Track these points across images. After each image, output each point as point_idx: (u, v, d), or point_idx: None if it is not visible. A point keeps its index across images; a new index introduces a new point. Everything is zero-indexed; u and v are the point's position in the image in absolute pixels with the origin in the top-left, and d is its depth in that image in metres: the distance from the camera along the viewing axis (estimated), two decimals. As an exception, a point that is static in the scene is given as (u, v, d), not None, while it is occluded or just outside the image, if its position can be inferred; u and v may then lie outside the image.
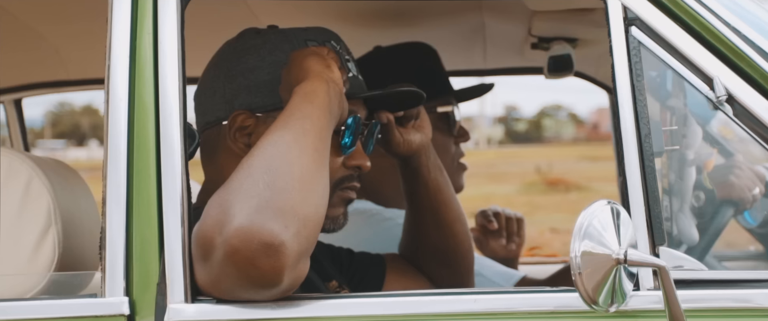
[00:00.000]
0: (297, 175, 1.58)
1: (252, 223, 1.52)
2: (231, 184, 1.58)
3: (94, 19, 2.35)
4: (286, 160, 1.60)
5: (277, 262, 1.52)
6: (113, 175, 1.63)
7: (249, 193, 1.55)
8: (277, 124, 1.67)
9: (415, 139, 2.02)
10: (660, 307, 1.52)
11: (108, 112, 1.66)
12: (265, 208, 1.53)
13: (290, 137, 1.63)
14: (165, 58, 1.67)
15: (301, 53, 1.82)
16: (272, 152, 1.61)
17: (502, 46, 2.86)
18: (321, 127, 1.68)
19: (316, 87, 1.73)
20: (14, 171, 1.82)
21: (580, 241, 1.45)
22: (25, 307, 1.64)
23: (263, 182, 1.56)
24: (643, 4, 1.65)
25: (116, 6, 1.69)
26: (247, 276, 1.53)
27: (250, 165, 1.60)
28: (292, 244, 1.53)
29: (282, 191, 1.56)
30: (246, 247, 1.51)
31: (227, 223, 1.53)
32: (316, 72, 1.76)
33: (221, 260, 1.54)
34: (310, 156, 1.63)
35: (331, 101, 1.73)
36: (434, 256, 2.10)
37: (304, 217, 1.56)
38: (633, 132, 1.61)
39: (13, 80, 2.99)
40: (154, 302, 1.60)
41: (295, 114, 1.68)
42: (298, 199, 1.56)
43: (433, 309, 1.59)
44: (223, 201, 1.56)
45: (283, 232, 1.52)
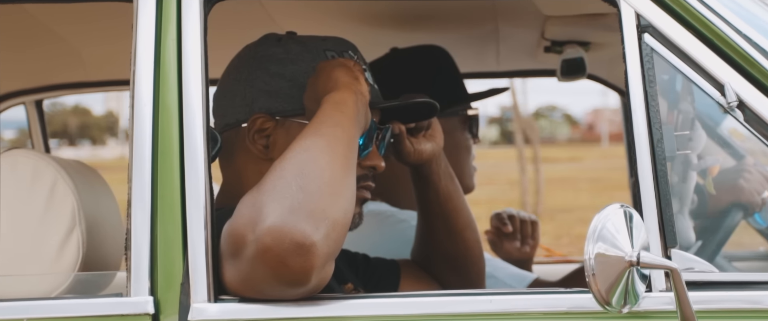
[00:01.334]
0: (327, 180, 1.63)
1: (285, 223, 1.56)
2: (264, 185, 1.63)
3: (113, 21, 2.40)
4: (319, 165, 1.64)
5: (307, 262, 1.56)
6: (138, 178, 1.67)
7: (282, 194, 1.59)
8: (309, 130, 1.71)
9: (426, 149, 2.05)
10: (672, 308, 1.56)
11: (133, 115, 1.70)
12: (298, 209, 1.58)
13: (323, 143, 1.68)
14: (188, 63, 1.71)
15: (330, 64, 1.87)
16: (305, 157, 1.65)
17: (515, 49, 2.89)
18: (350, 136, 1.73)
19: (346, 97, 1.78)
20: (40, 173, 1.85)
21: (594, 244, 1.48)
22: (52, 306, 1.68)
23: (296, 185, 1.61)
24: (655, 11, 1.68)
25: (141, 12, 1.72)
26: (277, 274, 1.58)
27: (282, 168, 1.64)
28: (322, 245, 1.57)
29: (314, 194, 1.60)
30: (278, 246, 1.56)
31: (260, 222, 1.57)
32: (345, 83, 1.81)
33: (252, 258, 1.58)
34: (340, 163, 1.67)
35: (358, 111, 1.78)
36: (445, 262, 2.14)
37: (333, 220, 1.60)
38: (646, 136, 1.64)
39: (34, 81, 3.02)
40: (178, 301, 1.64)
41: (327, 122, 1.72)
42: (329, 203, 1.61)
43: (449, 309, 1.62)
44: (256, 201, 1.60)
45: (314, 233, 1.57)
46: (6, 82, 3.00)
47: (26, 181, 1.85)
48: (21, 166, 1.87)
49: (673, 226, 1.61)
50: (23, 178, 1.86)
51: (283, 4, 2.45)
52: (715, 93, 1.66)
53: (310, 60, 1.92)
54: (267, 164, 1.90)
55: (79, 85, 3.08)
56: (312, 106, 1.86)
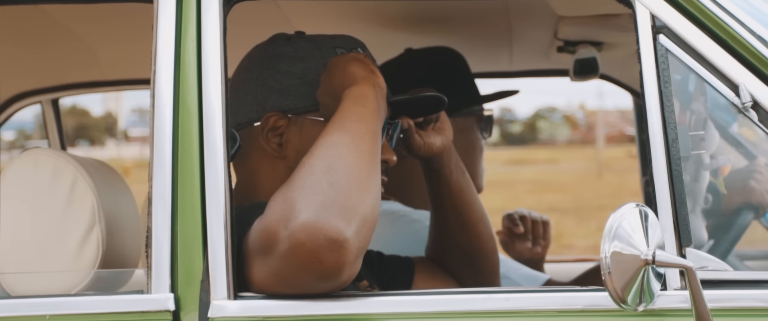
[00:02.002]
0: (356, 176, 1.65)
1: (318, 219, 1.59)
2: (294, 181, 1.65)
3: (129, 21, 2.42)
4: (346, 161, 1.67)
5: (340, 258, 1.59)
6: (159, 177, 1.69)
7: (313, 191, 1.62)
8: (333, 126, 1.73)
9: (436, 142, 2.07)
10: (686, 307, 1.57)
11: (153, 115, 1.72)
12: (330, 206, 1.60)
13: (348, 139, 1.70)
14: (208, 63, 1.73)
15: (342, 59, 1.89)
16: (332, 153, 1.67)
17: (528, 49, 2.91)
18: (374, 130, 1.76)
19: (366, 91, 1.80)
20: (60, 171, 1.88)
21: (610, 242, 1.50)
22: (74, 303, 1.70)
23: (326, 181, 1.63)
24: (670, 12, 1.69)
25: (161, 13, 1.75)
26: (311, 269, 1.60)
27: (311, 164, 1.66)
28: (354, 240, 1.60)
29: (344, 190, 1.62)
30: (312, 242, 1.58)
31: (293, 218, 1.60)
32: (362, 77, 1.83)
33: (284, 253, 1.60)
34: (366, 158, 1.70)
35: (379, 104, 1.80)
36: (459, 256, 2.15)
37: (363, 215, 1.63)
38: (661, 137, 1.65)
39: (51, 80, 3.05)
40: (198, 298, 1.66)
41: (350, 117, 1.75)
42: (358, 199, 1.63)
43: (466, 307, 1.64)
44: (288, 197, 1.62)
45: (346, 229, 1.59)
46: (23, 80, 3.02)
47: (47, 179, 1.88)
48: (42, 165, 1.89)
49: (687, 225, 1.63)
50: (44, 176, 1.88)
51: (298, 5, 2.47)
52: (729, 93, 1.67)
53: (319, 57, 1.94)
54: (281, 162, 1.93)
55: (95, 84, 3.10)
56: (327, 101, 1.89)
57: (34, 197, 1.87)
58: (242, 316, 1.65)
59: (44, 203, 1.87)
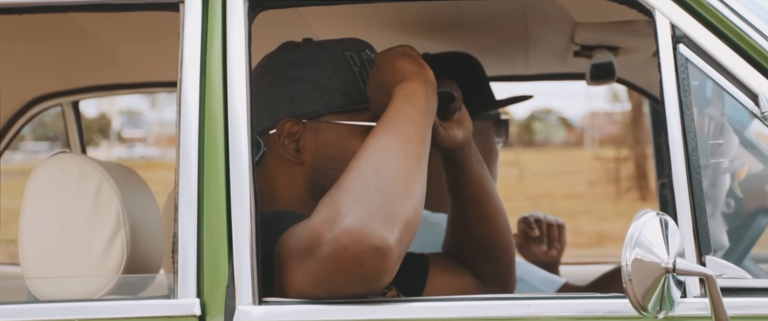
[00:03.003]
0: (403, 181, 1.67)
1: (364, 226, 1.61)
2: (341, 184, 1.67)
3: (149, 25, 2.45)
4: (394, 165, 1.68)
5: (382, 265, 1.61)
6: (185, 183, 1.72)
7: (360, 195, 1.63)
8: (382, 127, 1.75)
9: (459, 134, 2.09)
10: (706, 314, 1.60)
11: (180, 122, 1.74)
12: (376, 212, 1.62)
13: (396, 142, 1.72)
14: (233, 70, 1.75)
15: (391, 54, 1.89)
16: (381, 157, 1.69)
17: (544, 53, 2.92)
18: (423, 131, 1.77)
19: (417, 88, 1.81)
20: (85, 176, 1.90)
21: (631, 250, 1.52)
22: (102, 308, 1.73)
23: (373, 186, 1.65)
24: (690, 22, 1.71)
25: (188, 20, 1.77)
26: (352, 273, 1.62)
27: (359, 167, 1.68)
28: (396, 248, 1.62)
29: (390, 196, 1.64)
30: (356, 247, 1.60)
31: (338, 222, 1.61)
32: (412, 72, 1.83)
33: (327, 256, 1.62)
34: (413, 162, 1.72)
35: (429, 101, 1.81)
36: (477, 248, 2.17)
37: (407, 222, 1.65)
38: (681, 145, 1.67)
39: (72, 83, 3.08)
40: (224, 303, 1.68)
41: (399, 117, 1.76)
42: (404, 206, 1.65)
43: (488, 313, 1.66)
44: (335, 201, 1.64)
45: (390, 236, 1.61)
46: (43, 83, 3.05)
47: (73, 184, 1.90)
48: (68, 170, 1.91)
49: (707, 233, 1.65)
50: (70, 181, 1.90)
51: (318, 11, 2.49)
52: (749, 103, 1.69)
53: (328, 61, 1.96)
54: (299, 168, 1.95)
55: (115, 86, 3.13)
56: (377, 95, 1.89)
57: (59, 202, 1.90)
58: (267, 321, 1.67)
59: (70, 208, 1.89)
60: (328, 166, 1.94)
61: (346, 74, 1.95)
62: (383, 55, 1.92)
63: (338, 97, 1.94)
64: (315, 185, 1.95)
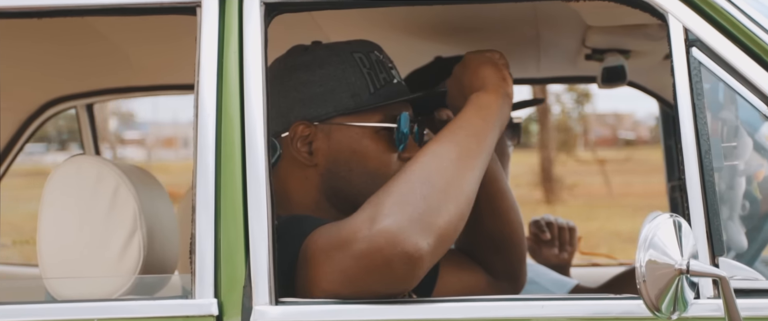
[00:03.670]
0: (451, 196, 1.68)
1: (401, 230, 1.62)
2: (390, 185, 1.68)
3: (163, 28, 2.47)
4: (445, 176, 1.69)
5: (411, 272, 1.63)
6: (202, 184, 1.74)
7: (404, 200, 1.65)
8: (445, 135, 1.75)
9: None
10: (719, 315, 1.61)
11: (197, 125, 1.76)
12: (417, 220, 1.63)
13: (455, 154, 1.72)
14: (249, 73, 1.77)
15: (478, 58, 1.90)
16: (435, 166, 1.70)
17: (556, 56, 2.93)
18: (485, 147, 1.77)
19: (491, 101, 1.82)
20: (103, 178, 1.92)
21: (645, 252, 1.54)
22: (120, 307, 1.75)
23: (420, 193, 1.66)
24: (703, 26, 1.72)
25: (204, 24, 1.79)
26: (380, 274, 1.64)
27: (411, 171, 1.69)
28: (428, 259, 1.63)
29: (434, 208, 1.65)
30: (389, 249, 1.62)
31: (377, 222, 1.63)
32: (493, 84, 1.84)
33: (359, 253, 1.64)
34: (466, 176, 1.72)
35: (501, 117, 1.81)
36: (489, 244, 2.18)
37: (445, 235, 1.66)
38: (694, 148, 1.69)
39: (86, 86, 3.10)
40: (241, 304, 1.70)
41: (465, 128, 1.76)
42: (445, 219, 1.66)
43: (502, 314, 1.68)
44: (379, 201, 1.66)
45: (425, 247, 1.62)
46: (58, 86, 3.08)
47: (90, 185, 1.92)
48: (85, 172, 1.93)
49: (720, 234, 1.66)
50: (87, 183, 1.92)
51: (331, 14, 2.51)
52: (762, 106, 1.70)
53: (338, 62, 1.97)
54: (312, 170, 1.97)
55: (129, 89, 3.15)
56: (453, 93, 1.90)
57: (77, 203, 1.92)
58: (283, 321, 1.69)
59: (87, 209, 1.91)
60: (341, 168, 1.96)
61: (356, 76, 1.96)
62: (472, 55, 1.92)
63: (348, 99, 1.95)
64: (328, 187, 1.97)
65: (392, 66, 2.02)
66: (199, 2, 1.79)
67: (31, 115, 3.08)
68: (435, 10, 2.40)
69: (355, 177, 1.95)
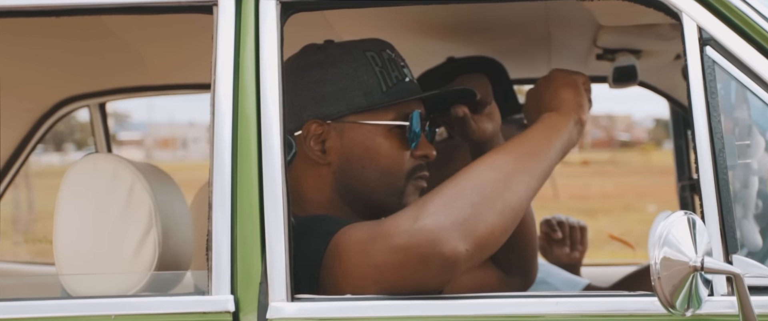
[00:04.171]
0: (499, 208, 1.69)
1: (442, 231, 1.64)
2: (441, 188, 1.70)
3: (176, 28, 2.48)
4: (498, 190, 1.70)
5: (444, 274, 1.65)
6: (218, 182, 1.75)
7: (452, 203, 1.66)
8: (508, 147, 1.76)
9: (489, 127, 2.13)
10: (733, 312, 1.62)
11: (213, 123, 1.77)
12: (461, 226, 1.65)
13: (511, 168, 1.73)
14: (266, 72, 1.78)
15: (562, 78, 1.89)
16: (489, 177, 1.71)
17: (567, 56, 2.94)
18: (545, 169, 1.77)
19: (562, 125, 1.82)
20: (119, 176, 1.93)
21: (660, 249, 1.55)
22: (138, 304, 1.76)
23: (469, 199, 1.67)
24: (717, 25, 1.73)
25: (221, 24, 1.80)
26: (413, 271, 1.65)
27: (465, 177, 1.71)
28: (464, 264, 1.65)
29: (480, 217, 1.67)
30: (426, 247, 1.63)
31: (421, 219, 1.65)
32: (568, 107, 1.85)
33: (397, 246, 1.65)
34: (518, 195, 1.73)
35: (568, 142, 1.81)
36: None
37: (484, 246, 1.67)
38: (708, 146, 1.69)
39: (99, 85, 3.11)
40: (257, 300, 1.71)
41: (528, 145, 1.77)
42: (488, 230, 1.67)
43: (517, 311, 1.68)
44: (426, 201, 1.68)
45: (463, 253, 1.64)
46: (71, 85, 3.09)
47: (106, 183, 1.93)
48: (101, 169, 1.94)
49: (734, 232, 1.67)
50: (103, 180, 1.93)
51: (343, 13, 2.52)
52: (776, 105, 1.71)
53: (350, 61, 1.98)
54: (326, 168, 1.98)
55: (141, 88, 3.17)
56: (531, 102, 1.91)
57: (93, 200, 1.93)
58: (299, 317, 1.70)
59: (103, 206, 1.92)
60: (354, 166, 1.97)
61: (368, 74, 1.97)
62: (558, 73, 1.92)
63: (360, 98, 1.96)
64: (342, 185, 1.98)
65: (404, 64, 2.03)
66: (215, 1, 1.80)
67: (44, 114, 3.09)
68: (447, 10, 2.41)
69: (367, 175, 1.96)
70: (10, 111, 3.01)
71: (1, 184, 3.11)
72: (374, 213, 2.00)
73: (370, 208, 1.98)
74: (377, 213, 2.00)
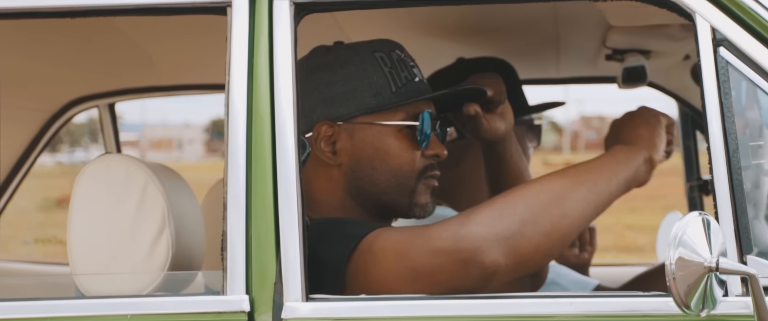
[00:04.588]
0: (546, 231, 1.71)
1: (486, 240, 1.67)
2: (494, 200, 1.73)
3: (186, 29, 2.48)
4: (549, 211, 1.72)
5: (479, 282, 1.68)
6: (233, 182, 1.75)
7: (501, 216, 1.69)
8: (571, 173, 1.77)
9: (501, 127, 2.13)
10: (747, 313, 1.62)
11: (228, 124, 1.78)
12: (505, 238, 1.67)
13: (567, 194, 1.74)
14: (279, 73, 1.78)
15: (647, 115, 1.88)
16: (544, 199, 1.73)
17: (576, 56, 2.95)
18: (601, 202, 1.77)
19: (631, 160, 1.82)
20: (132, 176, 1.93)
21: (675, 249, 1.55)
22: (153, 304, 1.76)
23: (519, 216, 1.69)
24: (731, 25, 1.73)
25: (235, 25, 1.80)
26: (451, 274, 1.68)
27: (519, 193, 1.73)
28: (501, 277, 1.68)
29: (526, 235, 1.69)
30: (468, 254, 1.66)
31: (467, 226, 1.68)
32: (642, 144, 1.84)
33: (440, 249, 1.68)
34: (569, 222, 1.74)
35: (633, 179, 1.81)
36: None
37: (524, 264, 1.69)
38: (721, 147, 1.69)
39: (108, 85, 3.12)
40: (272, 300, 1.72)
41: (592, 174, 1.78)
42: (531, 250, 1.69)
43: (531, 311, 1.69)
44: (477, 210, 1.70)
45: (502, 266, 1.67)
46: (80, 86, 3.10)
47: (119, 183, 1.93)
48: (114, 170, 1.95)
49: (748, 233, 1.67)
50: (117, 180, 1.94)
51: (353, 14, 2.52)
52: (789, 105, 1.72)
53: (359, 62, 1.98)
54: (337, 170, 1.98)
55: (151, 89, 3.17)
56: (612, 132, 1.92)
57: (107, 201, 1.93)
58: (314, 317, 1.70)
59: (117, 207, 1.92)
60: (365, 167, 1.97)
61: (378, 75, 1.97)
62: (645, 110, 1.92)
63: (370, 98, 1.97)
64: (353, 186, 1.98)
65: (414, 64, 2.03)
66: (229, 2, 1.80)
67: (54, 115, 3.10)
68: (456, 10, 2.42)
69: (378, 175, 1.97)
70: (21, 111, 3.01)
71: (11, 184, 3.12)
72: (385, 213, 2.00)
73: (382, 208, 1.98)
74: (388, 213, 2.01)
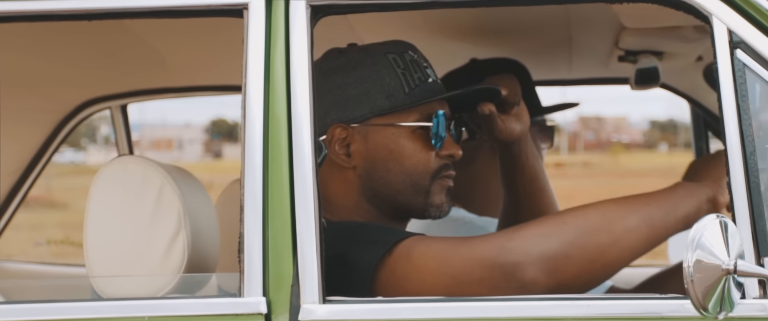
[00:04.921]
0: (592, 257, 1.73)
1: (529, 256, 1.70)
2: (545, 218, 1.76)
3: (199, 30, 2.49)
4: (598, 238, 1.74)
5: (516, 292, 1.70)
6: (250, 185, 1.76)
7: (549, 235, 1.72)
8: (630, 203, 1.78)
9: (516, 127, 2.13)
10: (765, 315, 1.63)
11: (245, 126, 1.78)
12: (549, 258, 1.70)
13: (620, 224, 1.75)
14: (296, 75, 1.78)
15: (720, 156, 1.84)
16: (595, 223, 1.75)
17: (588, 58, 2.95)
18: (655, 236, 1.78)
19: (693, 197, 1.82)
20: (148, 179, 1.94)
21: (693, 252, 1.55)
22: (171, 306, 1.77)
23: (567, 238, 1.72)
24: (747, 28, 1.73)
25: (251, 27, 1.80)
26: (491, 284, 1.71)
27: (572, 216, 1.75)
28: (536, 293, 1.70)
29: (571, 258, 1.71)
30: (510, 268, 1.70)
31: (514, 240, 1.71)
32: (709, 183, 1.84)
33: (483, 259, 1.72)
34: (617, 252, 1.76)
35: (692, 218, 1.79)
36: None
37: (564, 287, 1.71)
38: (739, 149, 1.69)
39: (121, 87, 3.12)
40: (289, 302, 1.72)
41: (649, 206, 1.78)
42: (573, 273, 1.72)
43: (549, 313, 1.68)
44: (528, 225, 1.74)
45: (541, 285, 1.70)
46: (93, 87, 3.10)
47: (136, 185, 1.94)
48: (131, 172, 1.96)
49: (766, 235, 1.67)
50: (133, 183, 1.94)
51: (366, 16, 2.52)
52: (806, 108, 1.71)
53: (372, 64, 1.98)
54: (351, 172, 1.98)
55: (163, 90, 3.18)
56: (691, 170, 1.93)
57: (123, 203, 1.94)
58: (331, 319, 1.71)
59: (133, 209, 1.93)
60: (379, 169, 1.97)
61: (390, 77, 1.98)
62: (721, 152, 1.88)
63: (383, 100, 1.97)
64: (368, 188, 1.99)
65: (427, 65, 2.03)
66: (245, 4, 1.81)
67: (66, 116, 3.11)
68: (468, 11, 2.41)
69: (393, 177, 1.97)
70: (33, 112, 3.02)
71: (24, 184, 3.13)
72: (401, 214, 2.01)
73: (397, 209, 1.99)
74: (404, 214, 2.01)
